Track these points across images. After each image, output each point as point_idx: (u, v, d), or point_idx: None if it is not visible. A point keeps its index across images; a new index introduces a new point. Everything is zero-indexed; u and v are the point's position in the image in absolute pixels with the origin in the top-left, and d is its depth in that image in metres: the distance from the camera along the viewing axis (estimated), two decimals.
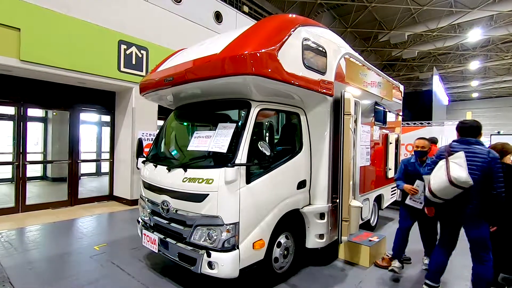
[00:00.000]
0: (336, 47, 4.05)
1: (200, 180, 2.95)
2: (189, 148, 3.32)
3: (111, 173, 7.82)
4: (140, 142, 4.17)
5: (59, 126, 9.97)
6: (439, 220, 3.30)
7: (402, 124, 6.98)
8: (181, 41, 7.71)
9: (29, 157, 6.58)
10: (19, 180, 6.24)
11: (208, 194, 2.89)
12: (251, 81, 2.84)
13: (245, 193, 2.96)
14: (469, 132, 3.04)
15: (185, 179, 3.07)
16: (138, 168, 4.07)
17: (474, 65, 24.37)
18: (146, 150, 6.95)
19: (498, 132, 27.66)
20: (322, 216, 3.83)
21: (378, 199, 5.67)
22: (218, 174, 2.87)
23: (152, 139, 7.28)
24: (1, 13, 5.20)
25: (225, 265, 2.83)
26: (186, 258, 3.08)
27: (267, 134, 3.35)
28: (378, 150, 5.48)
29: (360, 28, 17.56)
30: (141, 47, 7.24)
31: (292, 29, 3.20)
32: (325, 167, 3.82)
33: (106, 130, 11.93)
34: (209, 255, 2.86)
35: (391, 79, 6.03)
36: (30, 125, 6.83)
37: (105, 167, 11.48)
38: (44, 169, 10.22)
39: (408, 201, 3.81)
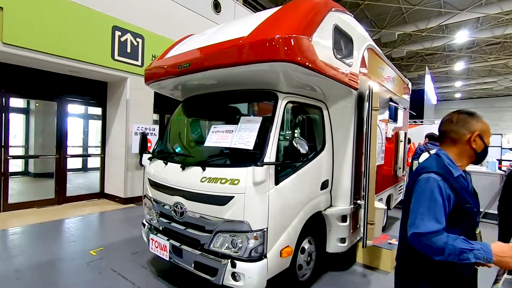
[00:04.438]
0: (361, 37, 3.78)
1: (223, 181, 2.61)
2: (206, 144, 2.96)
3: (102, 169, 7.29)
4: (144, 136, 3.76)
5: (42, 118, 9.30)
6: None
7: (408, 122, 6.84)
8: (179, 30, 7.22)
9: (11, 151, 5.97)
10: (1, 177, 5.66)
11: (233, 197, 2.56)
12: (284, 68, 2.52)
13: (274, 196, 2.64)
14: (436, 139, 5.04)
15: (204, 179, 2.72)
16: (142, 165, 3.66)
17: (459, 66, 24.88)
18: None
19: None
20: (344, 218, 3.57)
21: (388, 199, 5.49)
22: (245, 174, 2.53)
23: (150, 133, 6.82)
24: None
25: (253, 276, 2.51)
26: (204, 267, 2.73)
27: (295, 130, 3.04)
28: (389, 148, 5.28)
29: None
30: (136, 35, 6.73)
31: (325, 13, 2.90)
32: (349, 166, 3.55)
33: (93, 123, 11.32)
34: (233, 265, 2.53)
35: (401, 75, 5.84)
36: (11, 116, 6.23)
37: (92, 162, 10.90)
38: (26, 164, 9.51)
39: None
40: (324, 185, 3.40)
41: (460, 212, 1.45)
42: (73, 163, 10.80)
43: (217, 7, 8.98)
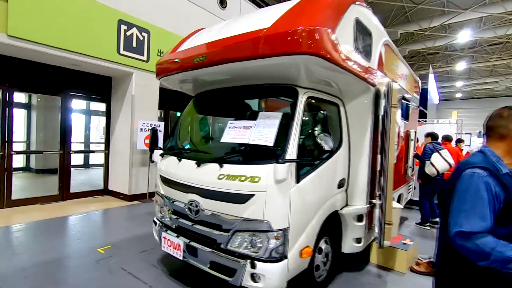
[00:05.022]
0: (379, 32, 3.70)
1: (243, 178, 2.51)
2: (222, 140, 2.87)
3: (106, 166, 7.18)
4: (154, 132, 3.66)
5: (44, 113, 9.16)
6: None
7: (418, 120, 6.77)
8: (185, 25, 7.16)
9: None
10: (4, 172, 5.54)
11: (253, 195, 2.46)
12: (307, 62, 2.43)
13: (295, 194, 2.55)
14: (437, 139, 5.80)
15: (221, 176, 2.63)
16: (153, 161, 3.57)
17: (460, 66, 24.76)
18: (148, 141, 6.43)
19: (480, 132, 28.45)
20: (360, 218, 3.48)
21: (399, 198, 5.41)
22: (266, 171, 2.44)
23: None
24: None
25: (273, 277, 2.42)
26: (221, 268, 2.65)
27: (314, 127, 2.94)
28: (401, 147, 5.20)
29: None
30: (142, 29, 6.61)
31: (348, 6, 2.81)
32: (365, 164, 3.46)
33: (96, 119, 11.21)
34: (253, 266, 2.45)
35: (413, 72, 5.75)
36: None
37: (93, 158, 10.79)
38: (27, 159, 9.38)
39: None
40: (340, 184, 3.31)
41: (510, 211, 1.33)
42: (74, 159, 10.69)
43: (222, 2, 8.85)
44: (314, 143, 2.67)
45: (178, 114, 8.79)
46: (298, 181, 2.59)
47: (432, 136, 5.84)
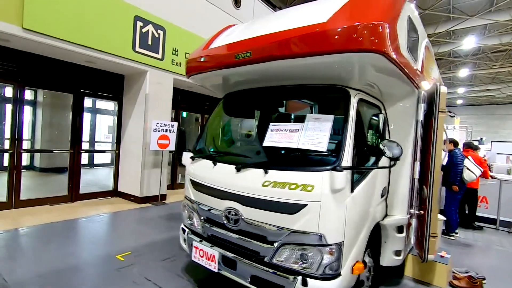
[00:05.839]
0: (423, 33, 3.51)
1: (293, 186, 2.29)
2: (265, 144, 2.65)
3: (116, 167, 6.93)
4: (182, 134, 3.43)
5: (50, 110, 8.89)
6: None
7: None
8: (199, 24, 6.98)
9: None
10: (13, 171, 5.29)
11: (305, 205, 2.25)
12: (371, 60, 2.23)
13: (350, 204, 2.34)
14: (458, 145, 5.75)
15: (266, 183, 2.41)
16: (182, 164, 3.34)
17: (463, 72, 24.66)
18: (161, 142, 6.21)
19: (481, 139, 28.44)
20: (400, 229, 3.27)
21: None
22: (320, 179, 2.22)
23: (167, 129, 6.47)
24: None
25: None
26: (264, 283, 2.42)
27: (367, 131, 2.75)
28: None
29: None
30: (158, 26, 6.39)
31: (404, 2, 2.62)
32: (407, 172, 3.26)
33: (103, 118, 10.96)
34: (305, 283, 2.23)
35: (440, 77, 5.58)
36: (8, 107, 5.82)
37: (98, 158, 10.55)
38: (32, 158, 9.09)
39: None
40: (383, 193, 3.11)
41: None
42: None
43: (237, 2, 8.67)
44: (366, 148, 2.47)
45: (184, 114, 8.57)
46: (352, 190, 2.38)
47: (454, 142, 5.71)
